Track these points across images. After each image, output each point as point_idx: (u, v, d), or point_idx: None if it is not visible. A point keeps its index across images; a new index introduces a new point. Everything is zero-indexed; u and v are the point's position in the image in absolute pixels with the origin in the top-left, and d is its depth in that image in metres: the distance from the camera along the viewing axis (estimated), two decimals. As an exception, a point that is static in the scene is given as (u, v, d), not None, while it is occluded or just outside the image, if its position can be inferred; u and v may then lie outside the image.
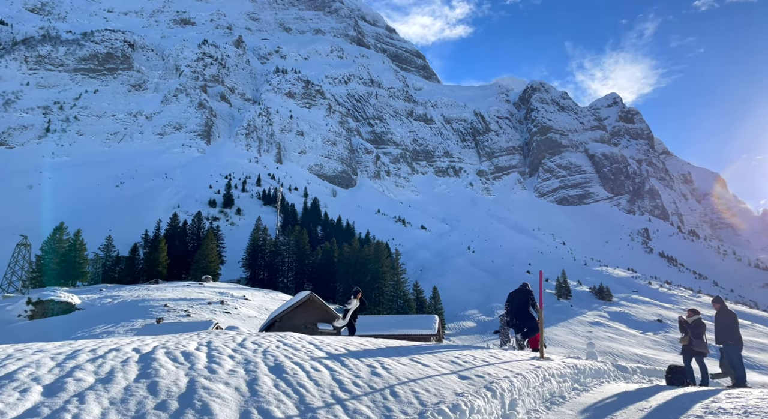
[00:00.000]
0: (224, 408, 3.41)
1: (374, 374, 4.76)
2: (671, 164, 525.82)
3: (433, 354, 6.15)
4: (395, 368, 5.03)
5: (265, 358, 4.85)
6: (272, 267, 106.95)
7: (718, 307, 9.91)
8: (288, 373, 4.41)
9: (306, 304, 34.77)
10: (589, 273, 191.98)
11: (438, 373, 5.15)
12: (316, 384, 4.26)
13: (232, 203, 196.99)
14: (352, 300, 14.21)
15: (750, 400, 5.53)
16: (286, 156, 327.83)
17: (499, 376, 5.36)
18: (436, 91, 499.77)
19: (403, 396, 4.24)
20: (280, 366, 4.59)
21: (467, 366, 5.70)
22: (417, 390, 4.43)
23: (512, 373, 5.64)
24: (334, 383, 4.36)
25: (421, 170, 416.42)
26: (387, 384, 4.50)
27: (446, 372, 5.27)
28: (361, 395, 4.16)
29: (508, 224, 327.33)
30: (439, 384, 4.74)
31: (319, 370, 4.64)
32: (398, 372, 4.94)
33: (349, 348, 5.82)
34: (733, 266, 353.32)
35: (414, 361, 5.51)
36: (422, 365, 5.41)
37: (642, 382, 8.88)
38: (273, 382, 4.14)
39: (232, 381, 4.01)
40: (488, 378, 5.19)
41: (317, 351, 5.50)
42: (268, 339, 5.92)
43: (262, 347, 5.39)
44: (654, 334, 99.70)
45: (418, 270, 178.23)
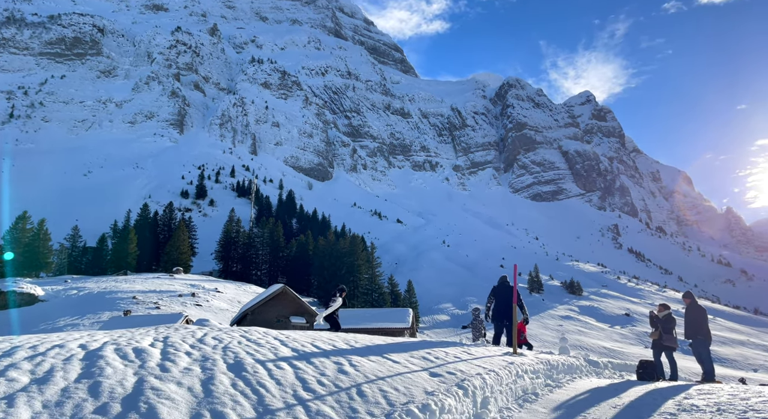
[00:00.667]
0: (173, 410, 3.13)
1: (341, 372, 4.51)
2: (641, 162, 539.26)
3: (404, 350, 5.95)
4: (364, 365, 4.80)
5: (225, 355, 4.54)
6: (246, 260, 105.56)
7: (688, 302, 9.98)
8: (248, 371, 4.12)
9: (279, 297, 34.28)
10: (561, 268, 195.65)
11: (408, 370, 4.94)
12: (277, 384, 3.99)
13: (205, 194, 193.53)
14: (337, 299, 13.74)
15: (722, 396, 5.50)
16: (262, 147, 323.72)
17: (471, 373, 5.18)
18: (413, 86, 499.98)
19: (371, 395, 4.01)
20: (240, 364, 4.30)
21: (439, 362, 5.51)
22: (385, 389, 4.20)
23: (485, 370, 5.47)
24: (297, 382, 4.09)
25: (397, 164, 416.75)
26: (354, 383, 4.27)
27: (417, 369, 5.06)
28: (326, 395, 3.91)
29: (483, 219, 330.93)
30: (409, 382, 4.53)
31: (282, 368, 4.37)
32: (366, 369, 4.70)
33: (317, 344, 5.56)
34: (697, 262, 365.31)
35: (384, 358, 5.29)
36: (392, 362, 5.18)
37: (613, 377, 8.88)
38: (231, 381, 3.85)
39: (186, 380, 3.71)
40: (460, 376, 5.00)
41: (282, 347, 5.22)
42: (230, 334, 5.61)
43: (224, 343, 5.08)
44: (622, 328, 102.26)
45: (394, 264, 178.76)
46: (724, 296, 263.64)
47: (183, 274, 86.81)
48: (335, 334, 6.69)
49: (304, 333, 6.52)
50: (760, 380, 49.73)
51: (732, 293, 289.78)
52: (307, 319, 34.79)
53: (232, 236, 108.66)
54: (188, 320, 41.79)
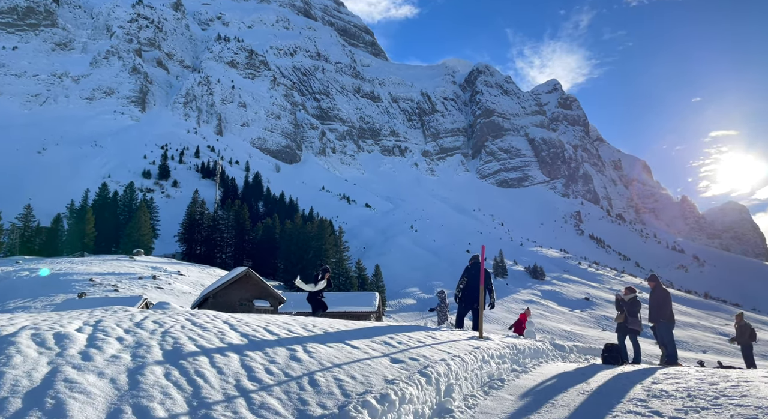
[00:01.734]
0: (86, 407, 2.76)
1: (293, 359, 4.11)
2: (603, 151, 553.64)
3: (365, 335, 5.59)
4: (319, 351, 4.41)
5: (163, 341, 4.07)
6: (210, 242, 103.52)
7: (653, 285, 9.99)
8: (187, 359, 3.66)
9: (242, 280, 33.52)
10: (525, 253, 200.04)
11: (368, 357, 4.57)
12: (218, 373, 3.55)
13: (168, 174, 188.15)
14: (322, 281, 12.78)
15: (689, 381, 5.39)
16: (227, 128, 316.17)
17: (435, 359, 4.86)
18: (383, 69, 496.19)
19: (324, 385, 3.62)
20: (178, 351, 3.84)
21: (401, 347, 5.17)
22: (341, 378, 3.83)
23: (449, 355, 5.16)
24: (242, 371, 3.67)
25: (367, 148, 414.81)
26: (307, 371, 3.87)
27: (378, 355, 4.71)
28: (274, 385, 3.50)
29: (450, 205, 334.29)
30: (368, 369, 4.17)
31: (226, 355, 3.93)
32: (322, 356, 4.32)
33: (270, 329, 5.13)
34: (653, 248, 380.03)
35: (343, 343, 4.91)
36: (351, 347, 4.81)
37: (579, 361, 8.81)
38: (164, 371, 3.39)
39: (110, 370, 3.22)
40: (423, 362, 4.67)
41: (231, 332, 4.77)
42: (175, 317, 5.12)
43: (164, 327, 4.59)
44: (581, 311, 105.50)
45: (362, 248, 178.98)
46: (678, 281, 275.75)
47: (144, 256, 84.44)
48: (292, 318, 6.28)
49: (259, 317, 6.08)
50: (715, 362, 52.11)
51: (684, 278, 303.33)
52: (272, 303, 34.21)
53: (196, 218, 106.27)
54: (147, 303, 40.54)
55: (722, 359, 66.08)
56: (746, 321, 13.38)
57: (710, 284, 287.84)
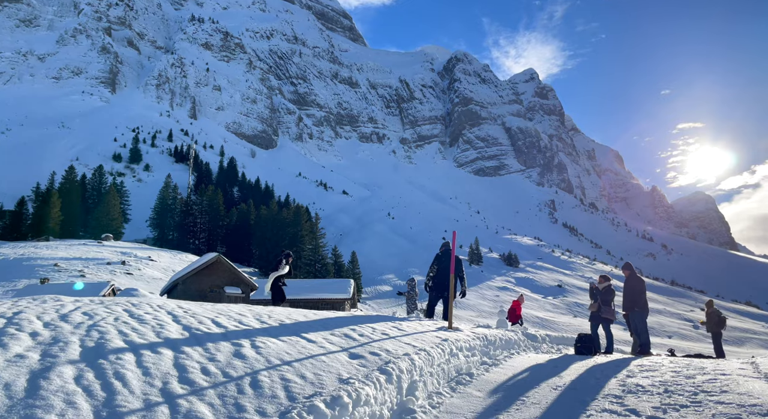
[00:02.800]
0: None
1: (237, 356, 3.66)
2: (578, 140, 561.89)
3: (325, 327, 5.17)
4: (269, 347, 3.97)
5: (87, 336, 3.56)
6: (183, 228, 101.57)
7: (627, 274, 9.84)
8: (108, 358, 3.17)
9: (213, 267, 32.72)
10: (500, 241, 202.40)
11: (324, 352, 4.16)
12: (144, 374, 3.06)
13: (140, 158, 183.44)
14: (284, 265, 12.28)
15: (665, 374, 5.15)
16: (202, 112, 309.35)
17: (398, 353, 4.47)
18: (362, 55, 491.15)
19: (268, 386, 3.18)
20: (101, 348, 3.35)
21: (363, 341, 4.77)
22: (289, 378, 3.40)
23: (414, 349, 4.79)
24: (173, 371, 3.19)
25: (344, 135, 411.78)
26: (250, 370, 3.42)
27: (335, 350, 4.30)
28: (208, 387, 3.05)
29: (427, 192, 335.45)
30: (322, 367, 3.75)
31: (158, 352, 3.45)
32: (272, 351, 3.88)
33: (219, 321, 4.67)
34: (624, 236, 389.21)
35: (298, 337, 4.48)
36: (307, 341, 4.38)
37: (551, 351, 8.59)
38: (76, 373, 2.86)
39: (7, 373, 2.78)
40: (385, 357, 4.28)
41: (172, 324, 4.29)
42: (111, 308, 4.61)
43: (94, 319, 4.08)
44: (554, 298, 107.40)
45: (339, 235, 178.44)
46: (646, 268, 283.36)
47: (113, 241, 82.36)
48: (248, 308, 5.83)
49: (212, 308, 5.60)
50: (684, 348, 53.65)
51: (653, 266, 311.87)
52: (243, 289, 33.55)
53: (169, 203, 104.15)
54: (114, 289, 39.38)
55: (686, 344, 68.16)
56: (716, 309, 13.46)
57: (677, 271, 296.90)
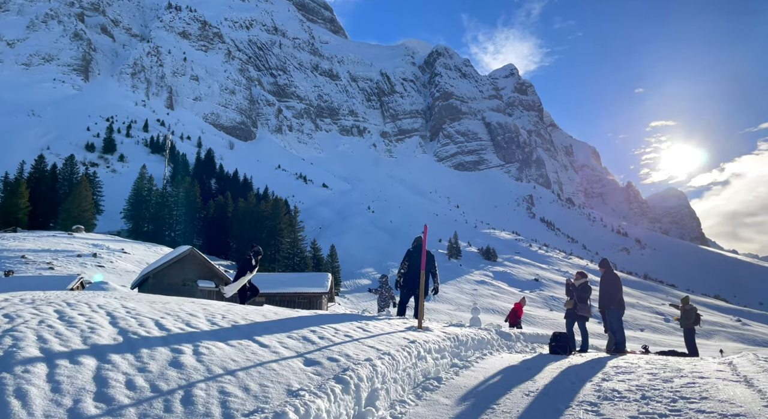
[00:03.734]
0: None
1: (174, 365, 3.23)
2: (556, 136, 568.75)
3: (283, 328, 4.78)
4: (214, 353, 3.56)
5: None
6: (158, 220, 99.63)
7: (604, 271, 9.65)
8: (14, 371, 2.67)
9: (185, 260, 31.91)
10: (479, 235, 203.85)
11: (276, 358, 3.76)
12: (53, 390, 2.70)
13: (114, 148, 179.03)
14: (256, 267, 11.62)
15: (641, 377, 4.92)
16: (179, 102, 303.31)
17: (359, 358, 4.11)
18: (342, 47, 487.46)
19: (202, 402, 2.78)
20: (7, 359, 2.86)
21: (322, 344, 4.38)
22: (229, 391, 2.99)
23: (378, 352, 4.43)
24: (90, 385, 2.79)
25: (325, 128, 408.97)
26: (185, 383, 2.97)
27: (290, 355, 3.90)
28: (129, 405, 2.69)
29: (408, 186, 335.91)
30: (271, 376, 3.35)
31: (79, 363, 2.99)
32: (215, 359, 3.47)
33: (164, 322, 4.24)
34: (600, 231, 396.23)
35: (250, 341, 4.08)
36: (259, 346, 3.98)
37: (525, 351, 8.36)
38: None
39: None
40: (344, 363, 3.91)
41: (107, 327, 3.84)
42: (42, 308, 4.13)
43: (14, 322, 3.60)
44: (531, 292, 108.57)
45: (318, 228, 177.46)
46: (620, 263, 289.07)
47: (85, 233, 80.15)
48: (202, 307, 5.40)
49: (162, 307, 5.15)
50: (655, 341, 54.71)
51: (627, 260, 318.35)
52: (217, 283, 32.85)
53: (144, 194, 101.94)
54: (83, 282, 38.20)
55: (657, 337, 69.61)
56: (692, 305, 13.46)
57: (650, 266, 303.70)
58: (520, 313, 18.06)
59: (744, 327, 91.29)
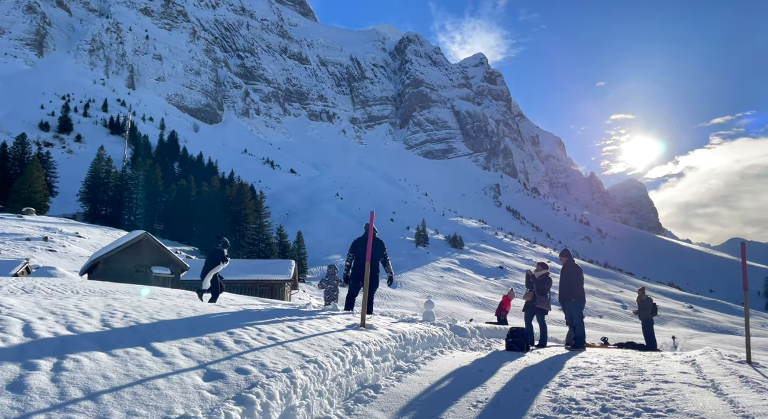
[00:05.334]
0: None
1: (13, 388, 2.53)
2: (523, 126, 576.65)
3: (194, 329, 4.06)
4: (83, 367, 2.76)
5: None
6: (117, 203, 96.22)
7: (565, 261, 9.23)
8: None
9: (139, 245, 30.49)
10: (446, 223, 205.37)
11: (168, 372, 3.02)
12: None
13: (70, 128, 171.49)
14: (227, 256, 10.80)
15: (601, 381, 4.46)
16: (141, 81, 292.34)
17: (276, 369, 3.43)
18: (312, 30, 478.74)
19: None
20: None
21: (236, 350, 3.68)
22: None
23: (303, 359, 3.77)
24: None
25: (293, 112, 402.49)
26: (18, 415, 2.33)
27: (189, 366, 3.19)
28: None
29: (377, 174, 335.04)
30: (150, 398, 2.73)
31: None
32: (81, 376, 2.59)
33: (36, 325, 3.43)
34: (563, 220, 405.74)
35: (144, 346, 3.34)
36: (152, 354, 3.24)
37: (480, 347, 7.87)
38: None
39: None
40: (255, 375, 3.23)
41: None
42: None
43: None
44: (495, 279, 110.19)
45: (285, 214, 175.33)
46: (582, 251, 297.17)
47: (36, 215, 76.51)
48: (105, 302, 4.65)
49: (51, 302, 4.37)
50: (613, 327, 56.10)
51: (588, 249, 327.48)
52: (173, 270, 31.56)
53: (102, 176, 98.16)
54: (29, 267, 36.17)
55: (615, 323, 71.59)
56: (648, 296, 13.37)
57: (610, 254, 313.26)
58: (506, 306, 17.63)
59: (695, 314, 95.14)
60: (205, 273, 10.61)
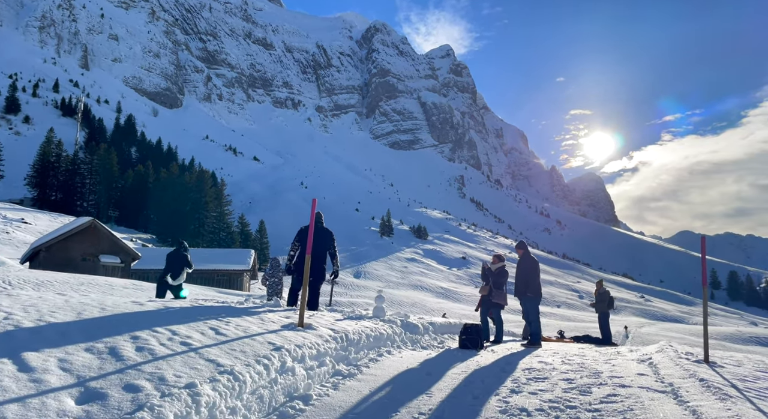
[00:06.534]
0: None
1: None
2: (488, 119, 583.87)
3: (92, 333, 3.46)
4: None
5: None
6: (68, 188, 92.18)
7: (521, 253, 8.92)
8: None
9: (86, 232, 28.87)
10: (411, 214, 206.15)
11: (28, 394, 2.47)
12: None
13: (18, 108, 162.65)
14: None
15: (556, 386, 4.12)
16: (95, 62, 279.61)
17: (178, 383, 2.79)
18: (278, 15, 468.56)
19: None
20: None
21: (134, 360, 3.08)
22: None
23: (216, 370, 3.18)
24: None
25: (257, 98, 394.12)
26: None
27: (62, 385, 2.62)
28: None
29: (343, 163, 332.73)
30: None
31: None
32: None
33: None
34: (524, 212, 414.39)
35: (9, 358, 2.64)
36: (17, 369, 2.40)
37: (433, 345, 7.48)
38: None
39: None
40: (147, 393, 2.57)
41: None
42: None
43: None
44: (458, 270, 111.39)
45: (248, 203, 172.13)
46: (542, 242, 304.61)
47: (-23, 202, 72.23)
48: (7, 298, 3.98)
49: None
50: (570, 317, 57.40)
51: (547, 240, 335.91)
52: (123, 258, 30.08)
53: (51, 160, 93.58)
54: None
55: (572, 313, 73.51)
56: (606, 289, 13.37)
57: (568, 246, 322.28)
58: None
59: (647, 303, 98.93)
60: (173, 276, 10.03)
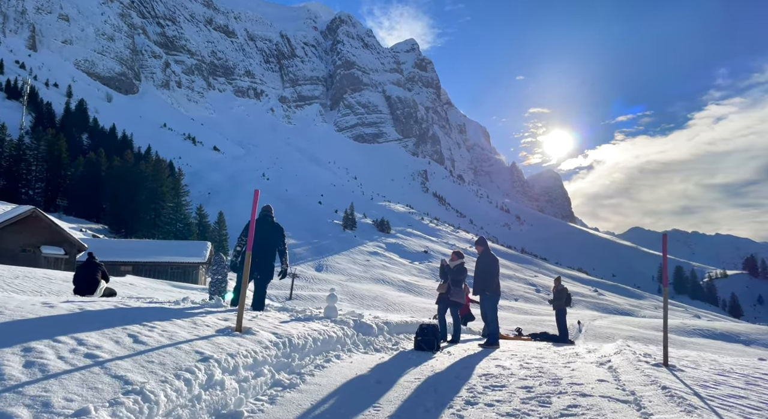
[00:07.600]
0: None
1: None
2: (451, 115, 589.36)
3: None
4: None
5: None
6: (12, 175, 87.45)
7: (480, 250, 8.69)
8: None
9: (27, 222, 27.11)
10: (374, 207, 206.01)
11: None
12: None
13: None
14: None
15: (514, 395, 3.83)
16: (44, 43, 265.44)
17: (66, 409, 2.38)
18: (240, 2, 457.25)
19: None
20: None
21: (18, 380, 2.27)
22: None
23: (121, 390, 2.58)
24: None
25: (218, 87, 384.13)
26: None
27: None
28: None
29: (306, 155, 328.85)
30: None
31: None
32: None
33: None
34: (485, 207, 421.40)
35: None
36: None
37: (387, 346, 7.12)
38: None
39: None
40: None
41: None
42: None
43: None
44: (420, 263, 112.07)
45: (207, 193, 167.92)
46: (502, 237, 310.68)
47: None
48: None
49: None
50: (527, 310, 58.43)
51: (507, 235, 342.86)
52: (68, 250, 28.46)
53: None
54: None
55: (529, 306, 75.10)
56: (564, 285, 13.41)
57: (527, 240, 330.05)
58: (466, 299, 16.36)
59: (600, 297, 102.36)
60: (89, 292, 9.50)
